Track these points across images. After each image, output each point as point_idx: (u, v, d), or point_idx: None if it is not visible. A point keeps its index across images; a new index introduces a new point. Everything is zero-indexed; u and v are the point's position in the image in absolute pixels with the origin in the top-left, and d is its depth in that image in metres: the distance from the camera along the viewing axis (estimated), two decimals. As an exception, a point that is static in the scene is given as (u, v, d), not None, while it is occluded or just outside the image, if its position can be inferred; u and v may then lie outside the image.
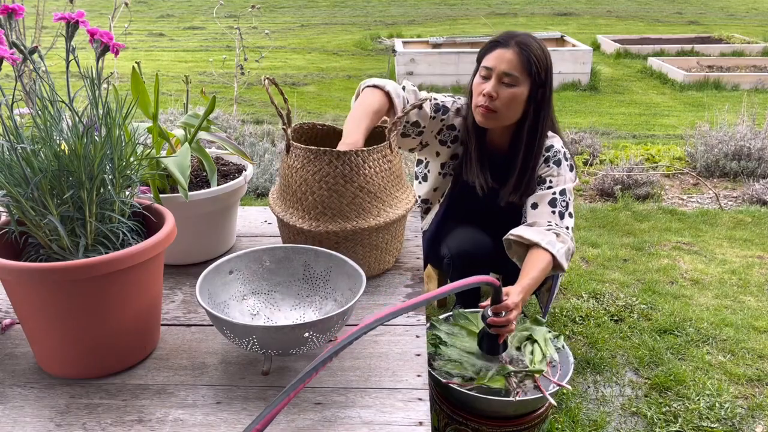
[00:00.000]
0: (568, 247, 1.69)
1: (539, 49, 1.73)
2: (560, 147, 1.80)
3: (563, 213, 1.75)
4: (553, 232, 1.70)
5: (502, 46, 1.72)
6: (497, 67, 1.70)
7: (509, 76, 1.70)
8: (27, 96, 1.10)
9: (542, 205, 1.76)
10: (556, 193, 1.76)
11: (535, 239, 1.67)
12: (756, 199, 3.73)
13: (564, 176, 1.78)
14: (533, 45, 1.72)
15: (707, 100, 6.38)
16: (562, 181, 1.78)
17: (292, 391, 0.89)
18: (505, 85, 1.71)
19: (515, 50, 1.70)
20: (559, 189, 1.76)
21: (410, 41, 8.46)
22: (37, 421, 1.00)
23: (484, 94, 1.71)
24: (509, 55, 1.70)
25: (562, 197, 1.76)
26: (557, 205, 1.76)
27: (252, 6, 5.82)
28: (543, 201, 1.76)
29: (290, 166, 1.38)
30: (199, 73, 7.89)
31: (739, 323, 2.40)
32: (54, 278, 0.98)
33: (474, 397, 1.47)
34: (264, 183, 3.85)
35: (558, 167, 1.78)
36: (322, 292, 1.24)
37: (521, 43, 1.70)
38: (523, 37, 1.73)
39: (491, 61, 1.72)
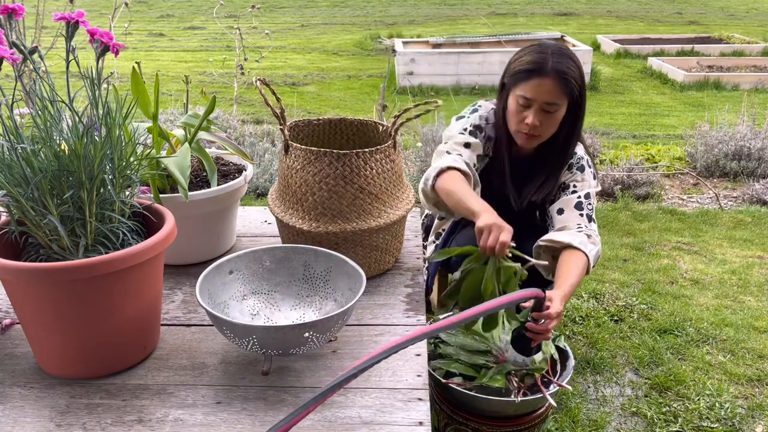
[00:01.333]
0: (597, 250, 1.69)
1: (575, 68, 1.67)
2: (583, 154, 1.80)
3: (591, 216, 1.76)
4: (584, 233, 1.69)
5: (538, 75, 1.64)
6: (538, 98, 1.65)
7: (551, 105, 1.65)
8: (27, 96, 1.10)
9: (568, 210, 1.76)
10: (581, 197, 1.76)
11: (567, 240, 1.66)
12: (756, 199, 3.73)
13: (588, 181, 1.79)
14: (570, 66, 1.65)
15: (707, 100, 6.38)
16: (587, 186, 1.78)
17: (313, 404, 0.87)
18: (547, 112, 1.67)
19: (554, 78, 1.63)
20: (584, 193, 1.76)
21: (410, 41, 8.46)
22: (37, 421, 1.00)
23: (527, 124, 1.67)
24: (549, 85, 1.63)
25: (588, 200, 1.76)
26: (584, 209, 1.76)
27: (252, 6, 5.82)
28: (569, 205, 1.76)
29: (290, 166, 1.38)
30: (199, 73, 7.89)
31: (739, 323, 2.40)
32: (54, 278, 0.98)
33: (474, 397, 1.47)
34: (264, 183, 3.85)
35: (582, 173, 1.79)
36: (322, 292, 1.24)
37: (559, 70, 1.63)
38: (558, 60, 1.64)
39: (530, 92, 1.65)
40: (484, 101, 1.89)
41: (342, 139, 1.60)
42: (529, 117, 1.67)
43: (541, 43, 1.71)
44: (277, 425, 0.85)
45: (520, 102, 1.68)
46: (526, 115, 1.68)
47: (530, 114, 1.67)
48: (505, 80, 1.75)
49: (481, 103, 1.87)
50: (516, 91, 1.69)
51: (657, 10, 13.71)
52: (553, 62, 1.64)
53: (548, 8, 14.19)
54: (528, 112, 1.67)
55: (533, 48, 1.70)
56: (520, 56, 1.71)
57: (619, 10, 13.88)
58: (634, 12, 13.56)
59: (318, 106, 6.37)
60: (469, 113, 1.84)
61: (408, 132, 5.13)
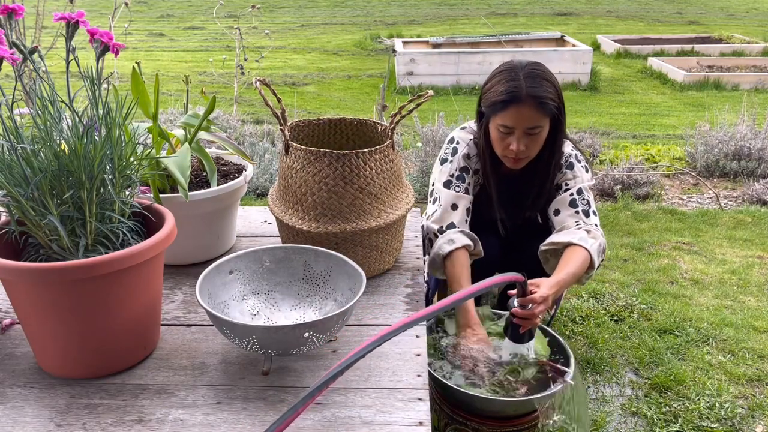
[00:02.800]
0: (599, 243, 1.69)
1: (550, 87, 1.65)
2: (570, 150, 1.81)
3: (587, 211, 1.76)
4: (583, 229, 1.71)
5: (515, 104, 1.62)
6: (518, 125, 1.64)
7: (533, 128, 1.65)
8: (27, 96, 1.10)
9: (564, 209, 1.77)
10: (574, 194, 1.77)
11: (566, 240, 1.68)
12: (756, 199, 3.73)
13: (579, 177, 1.79)
14: (545, 87, 1.64)
15: (707, 100, 6.38)
16: (579, 182, 1.78)
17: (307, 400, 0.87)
18: (530, 135, 1.67)
19: (531, 104, 1.62)
20: (575, 189, 1.77)
21: (410, 41, 8.46)
22: (37, 421, 1.00)
23: (512, 150, 1.68)
24: (527, 112, 1.63)
25: (581, 196, 1.77)
26: (578, 205, 1.76)
27: (252, 6, 5.82)
28: (563, 205, 1.77)
29: (290, 167, 1.38)
30: (199, 73, 7.89)
31: (739, 323, 2.40)
32: (54, 278, 0.98)
33: (474, 397, 1.47)
34: (264, 183, 3.85)
35: (571, 170, 1.79)
36: (322, 292, 1.24)
37: (535, 96, 1.62)
38: (532, 84, 1.63)
39: (510, 121, 1.65)
40: (460, 131, 1.87)
41: (342, 138, 1.61)
42: (513, 143, 1.67)
43: (512, 67, 1.68)
44: (278, 422, 0.85)
45: (501, 130, 1.68)
46: (509, 141, 1.68)
47: (513, 140, 1.67)
48: (483, 109, 1.74)
49: (458, 136, 1.86)
50: (496, 120, 1.68)
51: (657, 10, 13.71)
52: (527, 88, 1.62)
53: (548, 8, 14.19)
54: (511, 138, 1.68)
55: (505, 74, 1.68)
56: (492, 85, 1.69)
57: (619, 10, 13.87)
58: (634, 12, 13.56)
59: (318, 106, 6.37)
60: (450, 155, 1.83)
61: (408, 132, 5.12)
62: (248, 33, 8.20)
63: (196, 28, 11.96)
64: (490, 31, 10.21)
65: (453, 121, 4.54)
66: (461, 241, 1.70)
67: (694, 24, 11.75)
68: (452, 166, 1.82)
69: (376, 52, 9.53)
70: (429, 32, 10.66)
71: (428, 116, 4.68)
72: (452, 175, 1.81)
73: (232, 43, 9.15)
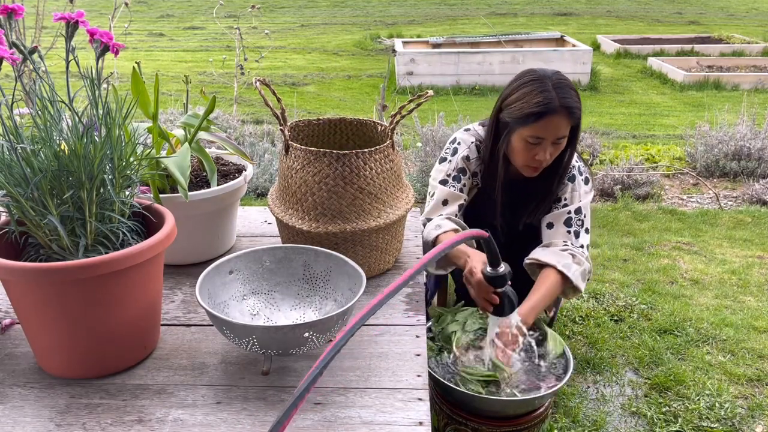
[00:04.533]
0: (584, 269, 1.70)
1: (577, 96, 1.67)
2: (574, 162, 1.81)
3: (579, 232, 1.77)
4: (569, 252, 1.71)
5: (549, 115, 1.63)
6: (549, 136, 1.65)
7: (561, 138, 1.67)
8: (27, 96, 1.09)
9: (558, 225, 1.77)
10: (572, 212, 1.77)
11: (551, 261, 1.69)
12: (756, 199, 3.73)
13: (578, 191, 1.80)
14: (574, 97, 1.66)
15: (707, 100, 6.38)
16: (577, 197, 1.78)
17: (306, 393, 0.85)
18: (556, 144, 1.68)
19: (563, 114, 1.63)
20: (574, 207, 1.77)
21: (410, 41, 8.46)
22: (37, 421, 1.00)
23: (538, 159, 1.68)
24: (559, 122, 1.64)
25: (578, 216, 1.77)
26: (572, 225, 1.77)
27: (252, 6, 5.82)
28: (558, 221, 1.78)
29: (290, 167, 1.38)
30: (199, 73, 7.89)
31: (739, 323, 2.40)
32: (54, 278, 0.98)
33: (474, 397, 1.47)
34: (264, 183, 3.85)
35: (573, 183, 1.79)
36: (322, 292, 1.24)
37: (567, 106, 1.63)
38: (564, 95, 1.63)
39: (542, 132, 1.64)
40: (463, 133, 1.87)
41: (342, 138, 1.61)
42: (540, 153, 1.67)
43: (539, 78, 1.67)
44: (282, 419, 0.83)
45: (530, 141, 1.67)
46: (536, 151, 1.67)
47: (541, 151, 1.67)
48: (507, 119, 1.71)
49: (461, 137, 1.86)
50: (523, 132, 1.67)
51: (657, 10, 13.71)
52: (559, 99, 1.63)
53: (548, 8, 14.19)
54: (538, 148, 1.67)
55: (534, 85, 1.66)
56: (521, 96, 1.67)
57: (619, 10, 13.87)
58: (634, 12, 13.56)
59: (318, 106, 6.37)
60: (450, 155, 1.84)
61: (408, 132, 5.12)
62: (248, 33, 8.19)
63: (196, 28, 11.96)
64: (490, 31, 10.21)
65: (453, 121, 4.54)
66: (448, 226, 1.71)
67: (694, 24, 11.75)
68: (450, 165, 1.83)
69: (376, 52, 9.53)
70: (429, 32, 10.66)
71: (428, 116, 4.68)
72: (449, 174, 1.82)
73: (232, 43, 9.15)
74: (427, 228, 1.74)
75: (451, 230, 1.71)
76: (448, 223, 1.73)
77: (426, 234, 1.72)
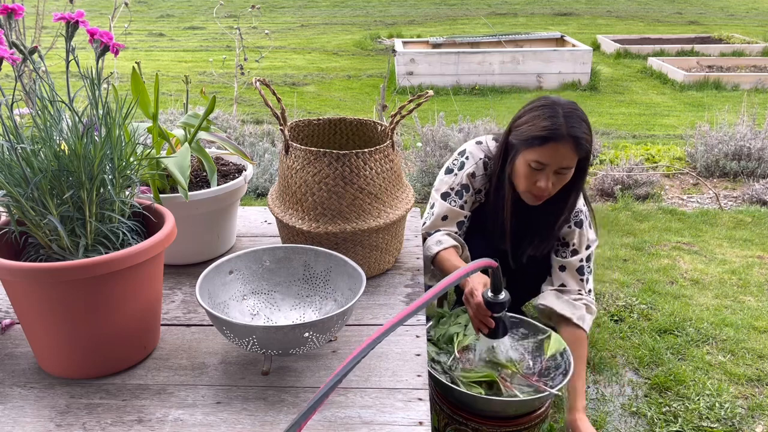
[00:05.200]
0: (593, 318, 1.80)
1: (587, 129, 1.64)
2: (582, 206, 1.81)
3: (588, 278, 1.84)
4: (583, 303, 1.79)
5: (554, 141, 1.60)
6: (552, 163, 1.63)
7: (565, 168, 1.64)
8: (27, 96, 1.10)
9: (570, 271, 1.83)
10: (583, 261, 1.83)
11: (567, 314, 1.76)
12: (756, 199, 3.73)
13: (585, 236, 1.82)
14: (583, 128, 1.62)
15: (707, 100, 6.38)
16: (584, 243, 1.82)
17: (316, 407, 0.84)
18: (559, 174, 1.66)
19: (569, 143, 1.60)
20: (585, 255, 1.83)
21: (410, 41, 8.46)
22: (37, 421, 1.00)
23: (539, 187, 1.66)
24: (564, 151, 1.61)
25: (588, 263, 1.84)
26: (584, 273, 1.83)
27: (252, 6, 5.82)
28: (571, 268, 1.83)
29: (290, 167, 1.38)
30: (199, 73, 7.89)
31: (739, 323, 2.40)
32: (54, 278, 0.98)
33: (474, 397, 1.47)
34: (264, 183, 3.85)
35: (580, 228, 1.81)
36: (322, 292, 1.24)
37: (574, 136, 1.60)
38: (573, 124, 1.61)
39: (545, 158, 1.62)
40: (474, 146, 1.85)
41: (342, 138, 1.61)
42: (541, 181, 1.65)
43: (551, 104, 1.66)
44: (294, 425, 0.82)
45: (532, 165, 1.65)
46: (538, 178, 1.65)
47: (542, 178, 1.65)
48: (514, 141, 1.70)
49: (470, 151, 1.84)
50: (527, 155, 1.65)
51: (657, 10, 13.71)
52: (567, 127, 1.60)
53: (548, 8, 14.19)
54: (540, 175, 1.65)
55: (545, 110, 1.65)
56: (531, 119, 1.66)
57: (619, 10, 13.87)
58: (634, 12, 13.56)
59: (318, 106, 6.37)
60: (457, 168, 1.83)
61: (408, 132, 5.12)
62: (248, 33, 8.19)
63: (196, 28, 11.96)
64: (490, 31, 10.21)
65: (453, 121, 4.54)
66: (448, 243, 1.72)
67: (694, 24, 11.75)
68: (455, 180, 1.81)
69: (376, 52, 9.53)
70: (429, 32, 10.66)
71: (428, 116, 4.68)
72: (452, 188, 1.81)
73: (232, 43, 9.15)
74: (428, 243, 1.73)
75: (452, 247, 1.71)
76: (449, 239, 1.73)
77: (426, 249, 1.71)
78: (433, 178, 3.69)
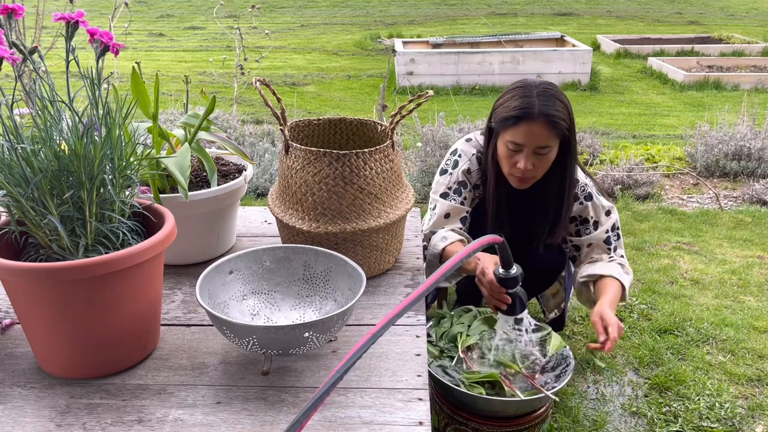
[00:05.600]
0: (630, 278, 1.79)
1: (562, 108, 1.65)
2: (584, 179, 1.81)
3: (616, 246, 1.84)
4: (617, 263, 1.79)
5: (527, 120, 1.62)
6: (528, 143, 1.64)
7: (542, 148, 1.65)
8: (27, 96, 1.10)
9: (598, 245, 1.83)
10: (609, 231, 1.83)
11: (605, 273, 1.75)
12: (756, 199, 3.73)
13: (600, 205, 1.82)
14: (557, 107, 1.63)
15: (707, 100, 6.38)
16: (602, 212, 1.82)
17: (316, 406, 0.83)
18: (538, 154, 1.66)
19: (543, 122, 1.61)
20: (609, 225, 1.83)
21: (410, 41, 8.46)
22: (37, 421, 1.00)
23: (519, 168, 1.67)
24: (538, 129, 1.62)
25: (614, 233, 1.83)
26: (611, 242, 1.83)
27: (252, 6, 5.82)
28: (598, 242, 1.83)
29: (290, 167, 1.38)
30: (199, 73, 7.89)
31: (739, 323, 2.40)
32: (54, 278, 0.98)
33: (474, 397, 1.47)
34: (264, 183, 3.85)
35: (591, 201, 1.81)
36: (322, 292, 1.24)
37: (546, 114, 1.61)
38: (545, 102, 1.62)
39: (520, 138, 1.64)
40: (465, 144, 1.87)
41: (342, 138, 1.61)
42: (520, 161, 1.67)
43: (525, 84, 1.69)
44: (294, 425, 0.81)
45: (510, 147, 1.68)
46: (517, 159, 1.68)
47: (521, 158, 1.67)
48: (493, 124, 1.74)
49: (461, 149, 1.86)
50: (505, 137, 1.68)
51: (657, 10, 13.71)
52: (539, 106, 1.62)
53: (548, 8, 14.19)
54: (519, 156, 1.67)
55: (518, 90, 1.68)
56: (505, 100, 1.70)
57: (619, 10, 13.87)
58: (634, 12, 13.56)
59: (318, 106, 6.37)
60: (451, 167, 1.84)
61: (408, 132, 5.12)
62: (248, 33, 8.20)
63: (196, 28, 11.96)
64: (490, 31, 10.21)
65: (453, 121, 4.54)
66: (454, 237, 1.71)
67: (694, 24, 11.75)
68: (451, 178, 1.82)
69: (376, 52, 9.53)
70: (429, 32, 10.66)
71: (428, 116, 4.68)
72: (449, 187, 1.82)
73: (232, 43, 9.15)
74: (433, 240, 1.73)
75: (458, 241, 1.70)
76: (454, 234, 1.72)
77: (432, 246, 1.71)
78: (433, 178, 3.69)
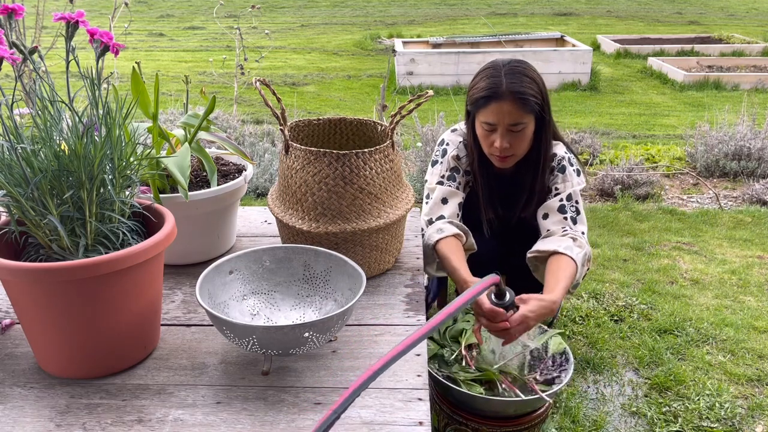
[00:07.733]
0: (585, 252, 1.68)
1: (531, 83, 1.66)
2: (563, 153, 1.80)
3: (575, 218, 1.75)
4: (569, 236, 1.69)
5: (496, 99, 1.65)
6: (500, 122, 1.66)
7: (515, 125, 1.66)
8: (27, 96, 1.10)
9: (552, 214, 1.76)
10: (563, 200, 1.76)
11: (551, 248, 1.66)
12: (756, 199, 3.73)
13: (569, 181, 1.78)
14: (525, 83, 1.65)
15: (707, 100, 6.38)
16: (569, 186, 1.77)
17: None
18: (513, 132, 1.68)
19: (512, 100, 1.63)
20: (566, 195, 1.76)
21: (410, 41, 8.46)
22: (37, 421, 1.00)
23: (496, 147, 1.69)
24: (507, 107, 1.64)
25: (569, 202, 1.76)
26: (567, 211, 1.75)
27: (252, 6, 5.82)
28: (552, 210, 1.76)
29: (290, 167, 1.38)
30: (199, 73, 7.89)
31: (739, 323, 2.40)
32: (54, 278, 0.98)
33: (474, 397, 1.47)
34: (264, 183, 3.85)
35: (563, 174, 1.79)
36: (322, 292, 1.24)
37: (515, 91, 1.63)
38: (512, 80, 1.64)
39: (492, 117, 1.66)
40: (450, 133, 1.88)
41: (342, 138, 1.61)
42: (497, 140, 1.69)
43: (494, 65, 1.71)
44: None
45: (485, 128, 1.70)
46: (493, 138, 1.70)
47: (497, 137, 1.69)
48: (468, 107, 1.76)
49: (448, 138, 1.87)
50: (480, 117, 1.71)
51: (657, 10, 13.71)
52: (507, 84, 1.64)
53: (548, 8, 14.19)
54: (495, 135, 1.69)
55: (487, 71, 1.70)
56: (476, 82, 1.72)
57: (619, 10, 13.87)
58: (634, 12, 13.56)
59: (318, 106, 6.37)
60: (440, 156, 1.85)
61: (408, 132, 5.13)
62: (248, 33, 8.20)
63: (196, 28, 11.96)
64: (490, 31, 10.21)
65: (453, 121, 4.54)
66: (450, 231, 1.70)
67: (694, 24, 11.75)
68: (443, 167, 1.83)
69: (376, 52, 9.53)
70: (429, 32, 10.66)
71: (428, 116, 4.69)
72: (443, 175, 1.82)
73: (232, 43, 9.15)
74: (429, 231, 1.73)
75: (453, 235, 1.69)
76: (450, 227, 1.72)
77: (427, 237, 1.71)
78: (433, 178, 3.69)
